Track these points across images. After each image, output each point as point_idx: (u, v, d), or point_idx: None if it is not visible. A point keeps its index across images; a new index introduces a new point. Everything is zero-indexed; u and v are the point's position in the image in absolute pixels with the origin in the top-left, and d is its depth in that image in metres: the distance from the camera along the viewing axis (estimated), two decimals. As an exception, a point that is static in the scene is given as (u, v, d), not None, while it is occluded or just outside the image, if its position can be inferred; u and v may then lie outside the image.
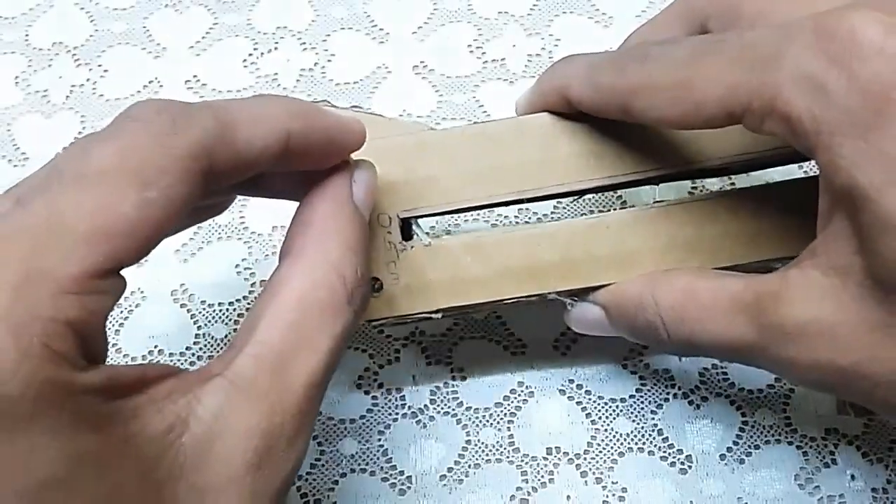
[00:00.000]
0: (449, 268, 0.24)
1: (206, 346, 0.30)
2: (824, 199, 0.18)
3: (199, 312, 0.30)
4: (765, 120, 0.18)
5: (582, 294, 0.24)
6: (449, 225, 0.31)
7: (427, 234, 0.25)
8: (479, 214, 0.31)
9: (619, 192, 0.28)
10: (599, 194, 0.29)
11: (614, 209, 0.24)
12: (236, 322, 0.30)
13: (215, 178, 0.18)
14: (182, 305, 0.30)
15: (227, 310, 0.30)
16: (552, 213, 0.31)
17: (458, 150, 0.24)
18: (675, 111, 0.20)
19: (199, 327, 0.30)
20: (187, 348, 0.30)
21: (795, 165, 0.28)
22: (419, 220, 0.25)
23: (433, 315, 0.24)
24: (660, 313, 0.22)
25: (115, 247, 0.16)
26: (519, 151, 0.24)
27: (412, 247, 0.24)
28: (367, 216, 0.21)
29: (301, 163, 0.20)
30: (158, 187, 0.17)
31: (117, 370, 0.16)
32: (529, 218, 0.30)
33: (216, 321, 0.30)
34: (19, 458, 0.14)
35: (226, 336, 0.30)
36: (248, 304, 0.30)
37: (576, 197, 0.25)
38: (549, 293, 0.24)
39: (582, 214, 0.25)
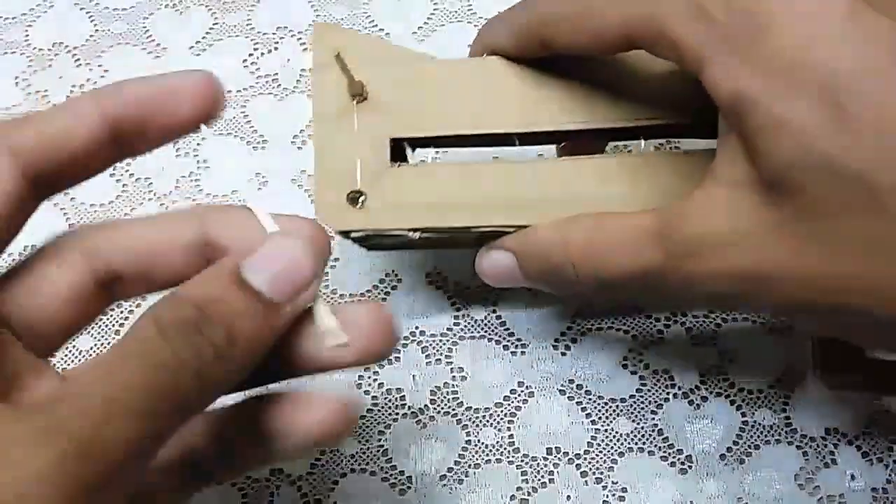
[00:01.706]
0: (433, 191, 0.24)
1: (206, 346, 0.30)
2: (721, 123, 0.19)
3: (199, 312, 0.30)
4: (656, 46, 0.20)
5: None
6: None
7: (416, 157, 0.25)
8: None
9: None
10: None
11: (599, 154, 0.24)
12: (236, 322, 0.30)
13: (44, 175, 0.18)
14: (182, 305, 0.30)
15: (227, 310, 0.30)
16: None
17: (455, 82, 0.25)
18: (580, 38, 0.21)
19: (199, 327, 0.30)
20: (187, 348, 0.30)
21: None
22: (409, 145, 0.25)
23: (410, 234, 0.24)
24: (569, 253, 0.22)
25: None
26: (516, 88, 0.24)
27: (399, 166, 0.24)
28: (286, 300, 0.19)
29: (144, 139, 0.20)
30: None
31: None
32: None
33: (216, 321, 0.30)
34: None
35: (226, 336, 0.30)
36: (248, 304, 0.30)
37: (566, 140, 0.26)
38: (526, 226, 0.24)
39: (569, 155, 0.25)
